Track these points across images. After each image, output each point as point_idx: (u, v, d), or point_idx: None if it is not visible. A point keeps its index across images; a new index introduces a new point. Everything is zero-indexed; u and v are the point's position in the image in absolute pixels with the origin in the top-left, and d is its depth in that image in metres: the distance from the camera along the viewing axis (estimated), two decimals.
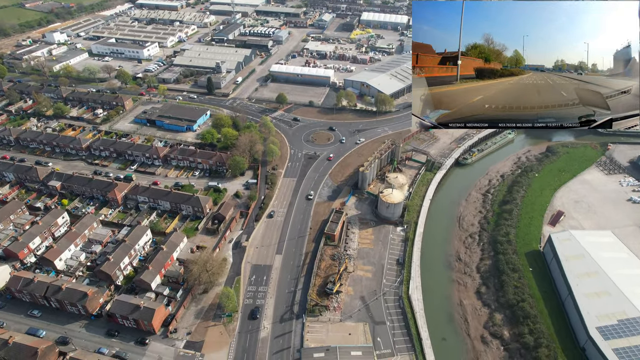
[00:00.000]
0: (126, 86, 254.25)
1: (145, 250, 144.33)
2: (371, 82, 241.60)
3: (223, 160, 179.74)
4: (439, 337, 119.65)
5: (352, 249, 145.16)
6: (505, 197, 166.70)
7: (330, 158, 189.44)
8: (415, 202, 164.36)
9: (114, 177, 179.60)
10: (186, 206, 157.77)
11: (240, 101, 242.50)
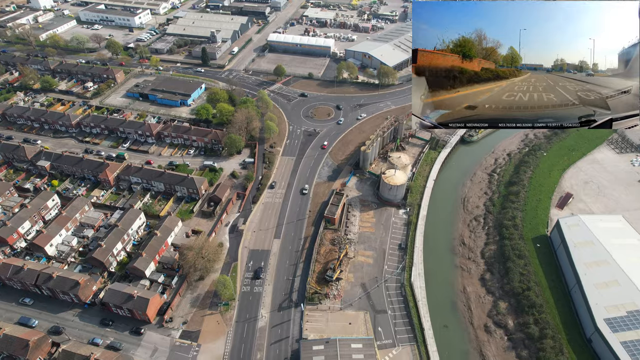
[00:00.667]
0: (117, 57, 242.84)
1: (139, 235, 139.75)
2: (373, 53, 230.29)
3: (219, 138, 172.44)
4: (441, 326, 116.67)
5: (353, 233, 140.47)
6: (512, 178, 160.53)
7: (324, 146, 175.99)
8: (418, 182, 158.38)
9: (106, 156, 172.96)
10: (181, 187, 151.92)
11: (237, 73, 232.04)
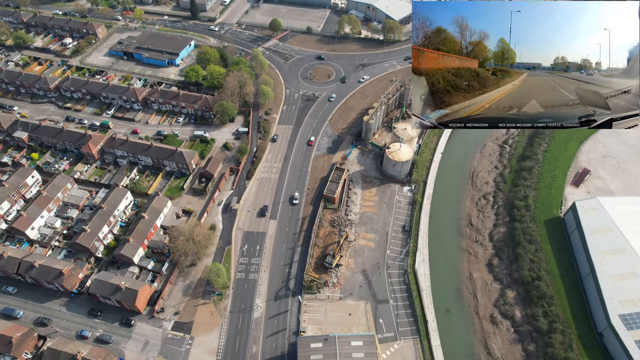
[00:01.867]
0: (97, 8, 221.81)
1: (126, 215, 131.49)
2: (378, 5, 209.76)
3: (209, 104, 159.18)
4: (445, 318, 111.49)
5: (354, 214, 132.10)
6: (525, 151, 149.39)
7: (311, 143, 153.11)
8: (424, 156, 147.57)
9: (89, 124, 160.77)
10: (170, 162, 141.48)
11: (229, 27, 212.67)
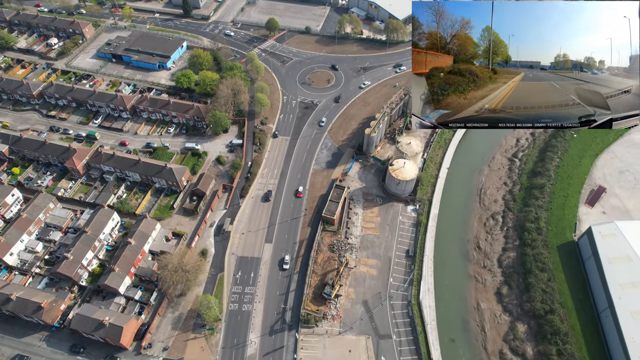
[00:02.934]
0: (85, 5, 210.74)
1: (113, 238, 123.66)
2: (381, 3, 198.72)
3: (202, 114, 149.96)
4: (451, 351, 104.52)
5: (355, 237, 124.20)
6: (536, 166, 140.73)
7: (300, 195, 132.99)
8: (430, 172, 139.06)
9: (74, 134, 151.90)
10: (159, 179, 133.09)
11: (224, 26, 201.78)
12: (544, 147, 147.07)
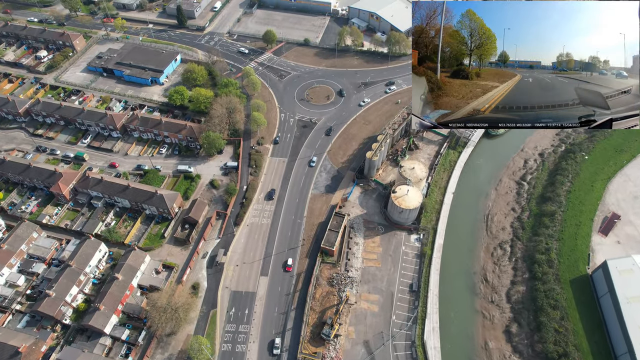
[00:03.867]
0: (76, 15, 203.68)
1: (100, 270, 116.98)
2: (382, 13, 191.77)
3: (195, 134, 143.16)
4: None
5: (355, 269, 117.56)
6: (546, 191, 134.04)
7: (289, 268, 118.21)
8: (434, 197, 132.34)
9: (62, 155, 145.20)
10: (149, 205, 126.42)
11: (219, 38, 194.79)
12: (554, 170, 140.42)
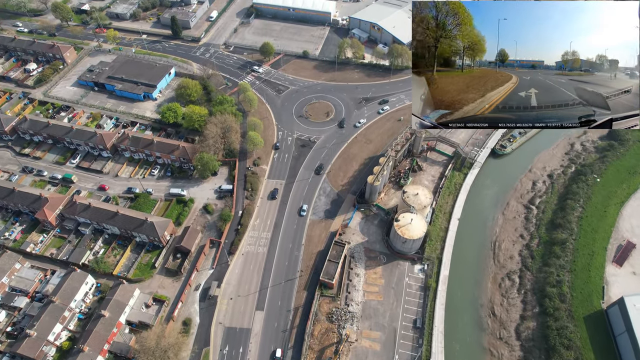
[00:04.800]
0: (68, 25, 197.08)
1: (86, 303, 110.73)
2: (383, 24, 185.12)
3: (188, 155, 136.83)
4: None
5: (356, 303, 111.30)
6: (556, 217, 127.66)
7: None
8: (439, 224, 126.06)
9: (49, 176, 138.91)
10: (139, 233, 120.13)
11: (215, 50, 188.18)
12: (564, 193, 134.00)
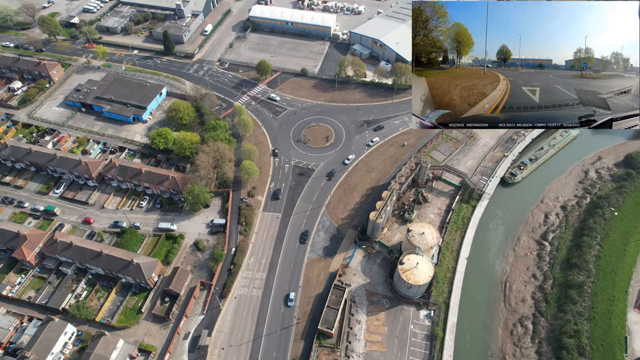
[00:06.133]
0: (56, 40, 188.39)
1: (65, 355, 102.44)
2: (386, 40, 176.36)
3: (178, 186, 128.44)
4: None
5: (357, 354, 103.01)
6: (571, 255, 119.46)
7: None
8: (446, 264, 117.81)
9: (30, 208, 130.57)
10: (125, 275, 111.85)
11: (209, 67, 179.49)
12: (579, 228, 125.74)
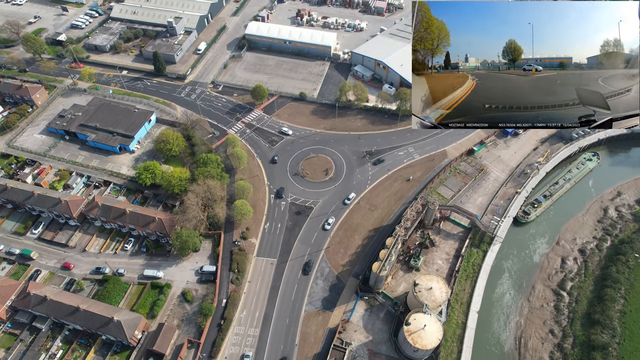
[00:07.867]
0: (40, 59, 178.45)
1: None
2: (390, 62, 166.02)
3: (166, 229, 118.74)
4: None
5: None
6: (593, 309, 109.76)
7: None
8: (455, 319, 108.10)
9: (5, 252, 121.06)
10: (105, 333, 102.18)
11: (202, 89, 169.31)
12: (600, 277, 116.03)
